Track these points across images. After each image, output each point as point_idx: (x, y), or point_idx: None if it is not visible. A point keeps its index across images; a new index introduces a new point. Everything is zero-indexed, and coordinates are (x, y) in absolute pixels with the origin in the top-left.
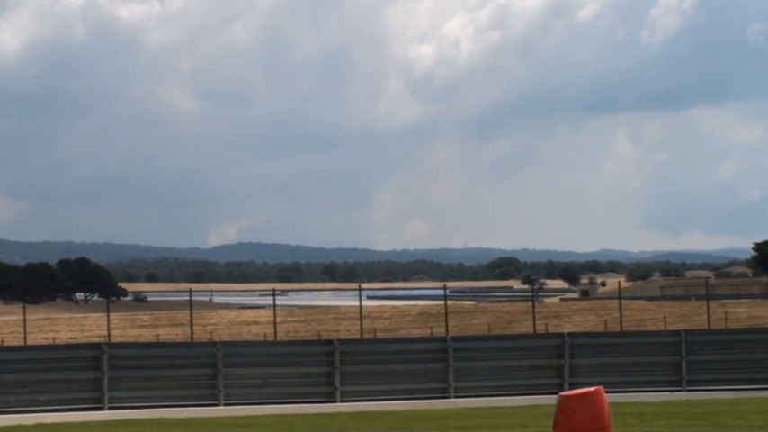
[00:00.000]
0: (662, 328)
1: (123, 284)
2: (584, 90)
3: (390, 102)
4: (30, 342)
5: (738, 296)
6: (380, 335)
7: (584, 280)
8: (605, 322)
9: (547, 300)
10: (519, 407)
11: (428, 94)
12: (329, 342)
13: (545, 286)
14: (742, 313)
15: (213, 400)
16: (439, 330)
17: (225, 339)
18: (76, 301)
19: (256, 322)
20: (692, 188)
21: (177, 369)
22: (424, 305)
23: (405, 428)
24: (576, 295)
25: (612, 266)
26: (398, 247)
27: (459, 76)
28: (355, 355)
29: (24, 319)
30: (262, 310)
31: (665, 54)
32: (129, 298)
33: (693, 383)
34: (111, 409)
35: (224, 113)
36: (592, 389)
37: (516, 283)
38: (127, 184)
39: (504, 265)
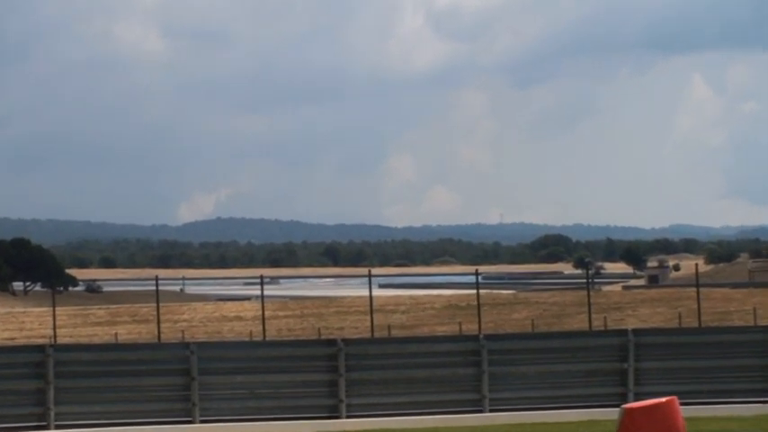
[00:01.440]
0: (751, 323)
1: (72, 271)
2: (652, 23)
3: (407, 40)
4: None
5: None
6: (396, 333)
7: (653, 263)
8: (679, 316)
9: (606, 288)
10: (571, 423)
11: (454, 30)
12: (332, 342)
13: (603, 271)
14: None
15: (186, 416)
16: (470, 327)
17: (201, 339)
18: (14, 293)
19: (240, 318)
20: None
21: (141, 377)
22: (450, 295)
23: None
24: (642, 282)
25: (688, 246)
26: (418, 223)
27: (493, 7)
28: (365, 358)
29: None
30: (246, 303)
31: None
32: (80, 288)
33: None
34: (57, 428)
35: (197, 56)
36: (663, 400)
37: (567, 268)
38: (76, 145)
39: (552, 245)
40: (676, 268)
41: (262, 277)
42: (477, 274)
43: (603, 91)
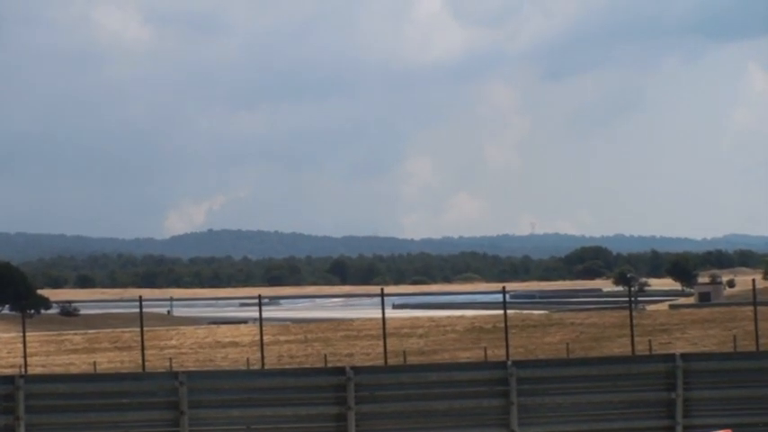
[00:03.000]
0: None
1: (45, 292)
2: (702, 5)
3: (423, 27)
4: None
5: None
6: (413, 360)
7: (704, 278)
8: (734, 338)
9: (651, 307)
10: None
11: (477, 14)
12: (340, 371)
13: (648, 288)
14: None
15: None
16: (496, 353)
17: (191, 368)
18: None
19: (235, 343)
20: None
21: (123, 412)
22: (474, 316)
23: None
24: (691, 300)
25: (744, 258)
26: (437, 235)
27: None
28: (377, 388)
29: None
30: (243, 327)
31: None
32: (54, 311)
33: None
34: None
35: (187, 45)
36: None
37: (607, 284)
38: (48, 148)
39: (590, 259)
40: (731, 284)
41: (260, 297)
42: (504, 292)
43: (648, 82)
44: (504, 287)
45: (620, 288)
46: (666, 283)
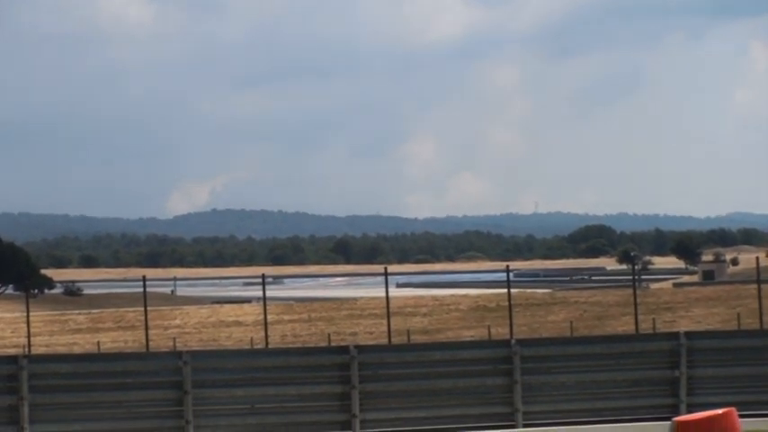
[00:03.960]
0: None
1: (49, 272)
2: None
3: (426, 6)
4: None
5: None
6: (416, 338)
7: (708, 257)
8: (738, 316)
9: (654, 286)
10: None
11: None
12: (343, 349)
13: (651, 266)
14: None
15: None
16: (500, 331)
17: (195, 348)
18: None
19: (239, 323)
20: None
21: (127, 391)
22: (477, 295)
23: None
24: (695, 278)
25: (748, 237)
26: (441, 214)
27: None
28: (381, 367)
29: None
30: (246, 306)
31: None
32: (58, 291)
33: None
34: None
35: (188, 27)
36: (719, 411)
37: (610, 263)
38: (51, 129)
39: (593, 237)
40: (734, 262)
41: (264, 276)
42: (508, 270)
43: (651, 61)
44: (507, 266)
45: (623, 267)
46: (670, 262)
